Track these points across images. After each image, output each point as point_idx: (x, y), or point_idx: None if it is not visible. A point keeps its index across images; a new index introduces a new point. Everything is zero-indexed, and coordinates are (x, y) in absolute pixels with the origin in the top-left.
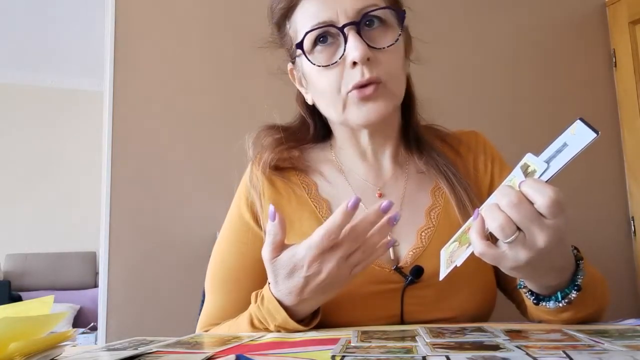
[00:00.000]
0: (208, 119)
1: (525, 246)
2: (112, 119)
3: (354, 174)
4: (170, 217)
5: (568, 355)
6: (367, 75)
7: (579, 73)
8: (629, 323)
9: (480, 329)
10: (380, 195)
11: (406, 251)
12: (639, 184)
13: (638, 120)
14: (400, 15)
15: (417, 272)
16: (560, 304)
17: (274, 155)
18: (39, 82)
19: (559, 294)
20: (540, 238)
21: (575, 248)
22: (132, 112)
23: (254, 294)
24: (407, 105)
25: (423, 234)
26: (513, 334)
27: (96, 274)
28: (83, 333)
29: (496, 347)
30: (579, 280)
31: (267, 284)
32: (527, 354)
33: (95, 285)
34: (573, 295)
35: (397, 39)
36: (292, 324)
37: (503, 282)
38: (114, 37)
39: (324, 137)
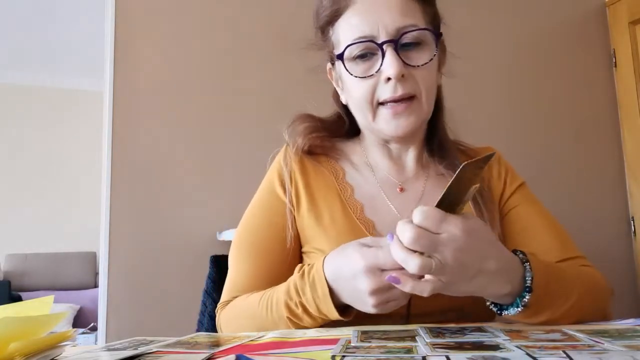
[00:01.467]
0: (208, 118)
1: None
2: (112, 119)
3: (379, 168)
4: (170, 217)
5: (568, 355)
6: (400, 92)
7: (579, 73)
8: (629, 323)
9: (480, 329)
10: (402, 190)
11: None
12: (639, 184)
13: (638, 120)
14: (436, 36)
15: None
16: (519, 309)
17: (307, 141)
18: (39, 82)
19: (517, 300)
20: (445, 253)
21: (522, 252)
22: (132, 112)
23: (298, 266)
24: (435, 113)
25: None
26: (513, 334)
27: (96, 274)
28: (83, 333)
29: (496, 347)
30: (528, 282)
31: (323, 258)
32: (527, 354)
33: (95, 285)
34: (526, 298)
35: (432, 58)
36: (329, 304)
37: None
38: (114, 37)
39: (354, 134)
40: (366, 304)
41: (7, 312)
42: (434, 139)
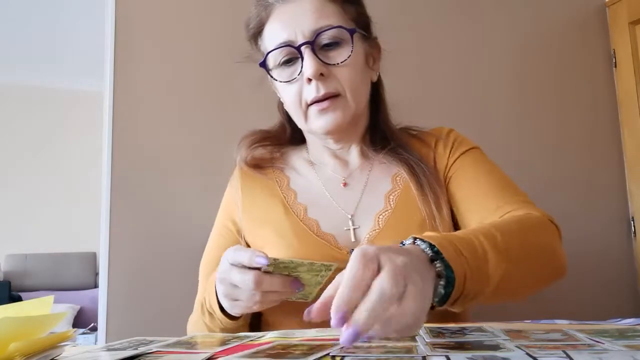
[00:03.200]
0: (208, 119)
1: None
2: (112, 119)
3: (323, 168)
4: (170, 218)
5: (568, 355)
6: (322, 91)
7: (579, 73)
8: (629, 323)
9: (480, 329)
10: (345, 185)
11: (364, 234)
12: (639, 184)
13: (638, 120)
14: (350, 32)
15: None
16: (442, 282)
17: (249, 153)
18: (39, 82)
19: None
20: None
21: (410, 238)
22: (132, 112)
23: None
24: (375, 108)
25: (380, 217)
26: (513, 334)
27: (96, 274)
28: (83, 333)
29: (496, 347)
30: (428, 252)
31: None
32: (527, 354)
33: (95, 286)
34: (437, 266)
35: (350, 55)
36: (215, 304)
37: None
38: (114, 37)
39: (302, 139)
40: (220, 292)
41: (7, 312)
42: (376, 133)
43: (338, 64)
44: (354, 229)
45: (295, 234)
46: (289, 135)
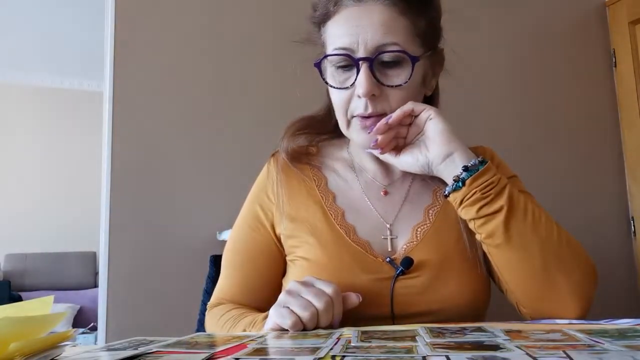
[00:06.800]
0: (208, 119)
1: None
2: (112, 119)
3: (364, 172)
4: (170, 217)
5: (568, 355)
6: (369, 110)
7: (579, 73)
8: (629, 323)
9: (480, 329)
10: (385, 193)
11: (400, 245)
12: (639, 184)
13: (638, 120)
14: (413, 60)
15: (407, 263)
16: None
17: (290, 144)
18: (39, 82)
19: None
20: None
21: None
22: (132, 112)
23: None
24: None
25: (418, 229)
26: (513, 334)
27: (96, 274)
28: (83, 333)
29: (496, 347)
30: (469, 164)
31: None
32: (527, 354)
33: (95, 285)
34: (464, 174)
35: (406, 81)
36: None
37: (491, 273)
38: (114, 37)
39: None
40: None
41: (7, 312)
42: None
43: (393, 86)
44: (391, 238)
45: (331, 237)
46: (334, 123)
